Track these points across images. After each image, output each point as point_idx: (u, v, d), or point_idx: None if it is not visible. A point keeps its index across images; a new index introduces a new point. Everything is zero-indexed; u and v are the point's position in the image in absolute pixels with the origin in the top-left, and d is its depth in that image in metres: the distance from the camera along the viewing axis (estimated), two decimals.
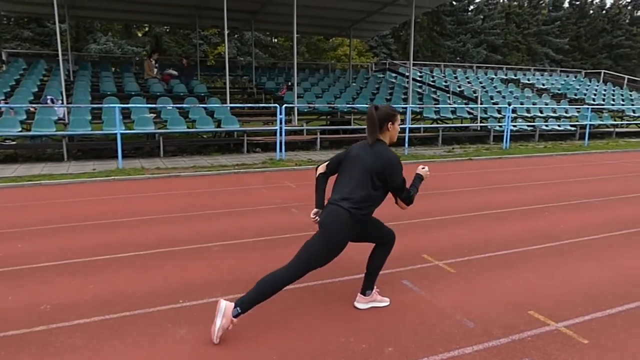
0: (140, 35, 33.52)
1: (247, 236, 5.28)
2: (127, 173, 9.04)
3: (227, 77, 13.49)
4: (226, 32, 13.29)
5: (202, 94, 15.01)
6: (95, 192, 7.62)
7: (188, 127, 12.32)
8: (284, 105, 11.42)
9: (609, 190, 8.14)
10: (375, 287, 3.59)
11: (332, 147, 14.32)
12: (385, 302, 3.59)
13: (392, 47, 39.06)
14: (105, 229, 5.54)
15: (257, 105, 14.23)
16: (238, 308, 2.99)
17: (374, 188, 3.19)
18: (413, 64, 27.96)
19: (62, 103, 11.93)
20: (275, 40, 37.68)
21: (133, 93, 13.96)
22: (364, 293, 3.54)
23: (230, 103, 15.17)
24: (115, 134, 9.67)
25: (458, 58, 41.56)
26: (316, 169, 3.49)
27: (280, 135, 11.20)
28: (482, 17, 43.98)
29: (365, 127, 3.32)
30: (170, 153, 12.32)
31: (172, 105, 12.73)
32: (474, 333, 3.17)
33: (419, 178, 3.50)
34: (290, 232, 5.45)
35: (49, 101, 11.90)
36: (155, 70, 15.94)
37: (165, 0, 15.95)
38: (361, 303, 3.54)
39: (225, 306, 2.98)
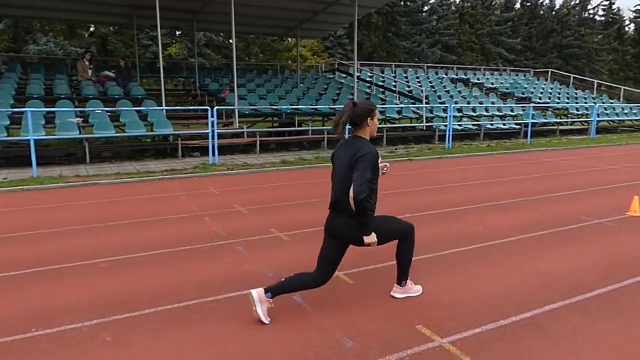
0: (86, 35, 32.22)
1: (144, 249, 4.87)
2: (40, 182, 8.42)
3: (162, 78, 12.92)
4: (159, 31, 12.73)
5: (139, 97, 14.38)
6: None
7: (118, 132, 11.71)
8: (215, 108, 10.95)
9: (538, 189, 8.10)
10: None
11: (278, 149, 13.95)
12: (267, 319, 3.29)
13: (348, 47, 38.90)
14: None
15: (189, 107, 13.70)
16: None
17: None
18: (364, 64, 28.15)
19: None
20: (231, 41, 36.93)
21: (62, 96, 13.23)
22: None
23: (178, 106, 14.65)
24: (29, 140, 9.02)
25: (415, 59, 41.82)
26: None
27: (213, 138, 10.74)
28: (436, 17, 44.45)
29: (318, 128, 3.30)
30: (99, 159, 11.66)
31: (98, 108, 12.05)
32: (349, 354, 2.89)
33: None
34: (192, 244, 5.06)
35: None
36: (90, 71, 15.21)
37: None
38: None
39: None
